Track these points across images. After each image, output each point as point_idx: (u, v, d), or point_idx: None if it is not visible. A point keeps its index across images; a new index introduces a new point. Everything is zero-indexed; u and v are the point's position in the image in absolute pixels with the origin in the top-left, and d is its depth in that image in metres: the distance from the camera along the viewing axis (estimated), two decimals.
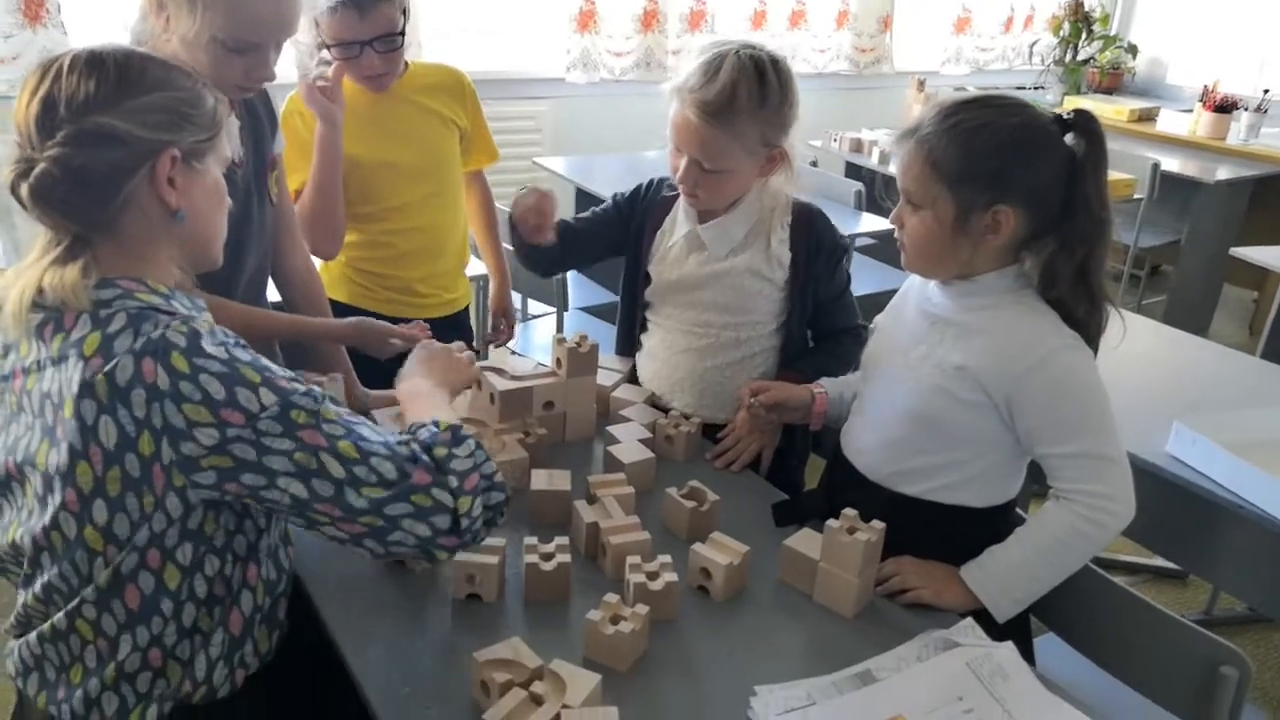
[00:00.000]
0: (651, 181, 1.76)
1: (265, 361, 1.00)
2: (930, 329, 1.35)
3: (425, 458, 1.03)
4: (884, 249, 2.95)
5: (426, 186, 1.99)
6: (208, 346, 0.96)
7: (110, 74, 0.99)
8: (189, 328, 0.97)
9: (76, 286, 0.97)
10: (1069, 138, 1.25)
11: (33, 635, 1.05)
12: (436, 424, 1.07)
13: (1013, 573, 1.28)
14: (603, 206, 1.79)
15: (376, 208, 1.97)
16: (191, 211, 1.05)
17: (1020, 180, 1.23)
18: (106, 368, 0.94)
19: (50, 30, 3.26)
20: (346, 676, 1.11)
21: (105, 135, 0.97)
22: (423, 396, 1.22)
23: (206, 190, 1.08)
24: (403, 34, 1.81)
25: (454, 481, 1.02)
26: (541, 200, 1.59)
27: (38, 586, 1.03)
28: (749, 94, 1.48)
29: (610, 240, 1.77)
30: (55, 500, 0.98)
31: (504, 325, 2.33)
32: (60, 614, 1.02)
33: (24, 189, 0.97)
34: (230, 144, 1.11)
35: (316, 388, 1.02)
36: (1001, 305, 1.29)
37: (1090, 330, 1.28)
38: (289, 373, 1.02)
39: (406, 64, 1.96)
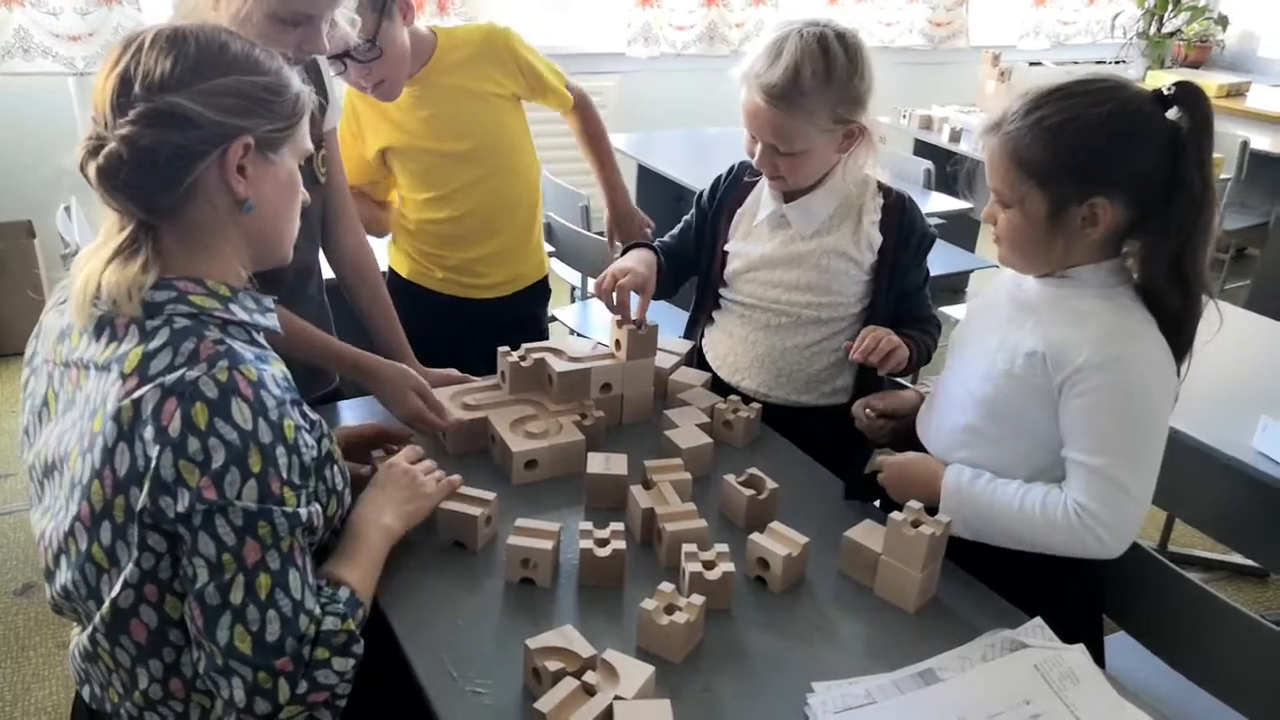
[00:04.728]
0: (732, 168, 1.75)
1: (280, 450, 0.95)
2: (1013, 316, 1.29)
3: (305, 650, 0.95)
4: (954, 230, 2.86)
5: (474, 171, 1.94)
6: (235, 412, 0.92)
7: (189, 53, 0.96)
8: (228, 376, 0.93)
9: (131, 287, 0.95)
10: (1172, 113, 1.17)
11: (77, 650, 1.06)
12: (346, 615, 1.00)
13: (980, 512, 1.25)
14: (689, 213, 1.79)
15: (427, 196, 1.95)
16: (261, 203, 1.02)
17: (1116, 170, 1.16)
18: (135, 394, 0.92)
19: (125, 7, 3.33)
20: (398, 661, 1.11)
21: (176, 116, 0.94)
22: (366, 533, 1.15)
23: (279, 182, 1.04)
24: (373, 42, 1.66)
25: (303, 688, 0.95)
26: (634, 286, 1.58)
27: (57, 585, 1.02)
28: (813, 72, 1.45)
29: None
30: (73, 509, 0.97)
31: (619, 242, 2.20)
32: (85, 636, 1.02)
33: (92, 168, 0.94)
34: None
35: (305, 512, 0.97)
36: (1093, 298, 1.22)
37: (1184, 323, 1.20)
38: (299, 470, 0.97)
39: (435, 36, 1.87)
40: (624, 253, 1.72)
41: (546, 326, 2.24)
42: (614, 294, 1.57)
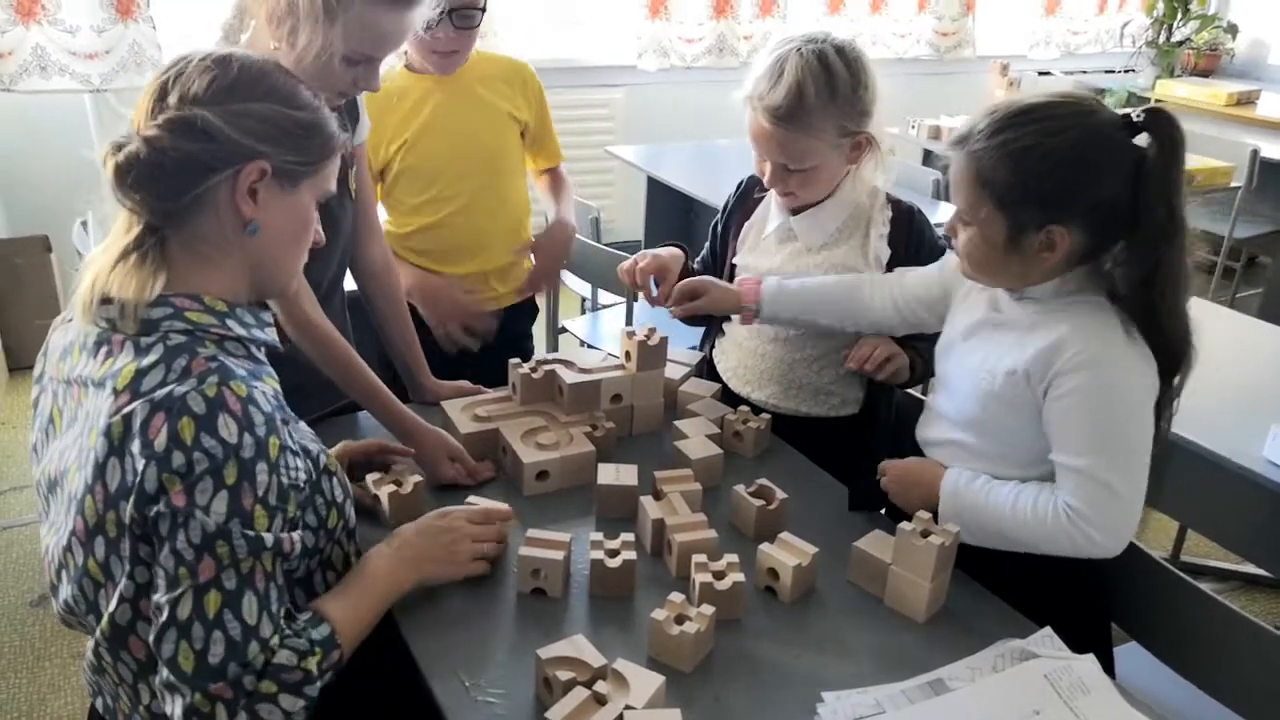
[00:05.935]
0: (740, 183, 1.77)
1: (261, 467, 0.94)
2: (991, 332, 1.31)
3: (247, 680, 0.91)
4: None
5: (477, 179, 1.96)
6: (221, 426, 0.92)
7: (229, 75, 0.99)
8: (217, 391, 0.93)
9: (139, 299, 0.96)
10: (1142, 139, 1.16)
11: (85, 664, 1.07)
12: (307, 653, 0.96)
13: (976, 514, 1.27)
14: (710, 236, 1.81)
15: (423, 199, 1.97)
16: (266, 229, 1.03)
17: (1077, 200, 1.16)
18: (125, 410, 0.93)
19: (140, 25, 3.36)
20: (409, 669, 1.12)
21: (197, 128, 0.96)
22: (372, 578, 1.10)
23: (290, 214, 1.05)
24: (483, 10, 1.80)
25: (242, 719, 0.92)
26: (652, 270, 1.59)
27: (60, 600, 1.03)
28: (816, 90, 1.46)
29: None
30: (69, 524, 0.98)
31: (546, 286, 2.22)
32: (90, 650, 1.03)
33: (110, 164, 0.97)
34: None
35: (272, 537, 0.94)
36: (1066, 306, 1.24)
37: (1166, 350, 1.20)
38: (277, 492, 0.96)
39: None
40: None
41: (532, 348, 2.24)
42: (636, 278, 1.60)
